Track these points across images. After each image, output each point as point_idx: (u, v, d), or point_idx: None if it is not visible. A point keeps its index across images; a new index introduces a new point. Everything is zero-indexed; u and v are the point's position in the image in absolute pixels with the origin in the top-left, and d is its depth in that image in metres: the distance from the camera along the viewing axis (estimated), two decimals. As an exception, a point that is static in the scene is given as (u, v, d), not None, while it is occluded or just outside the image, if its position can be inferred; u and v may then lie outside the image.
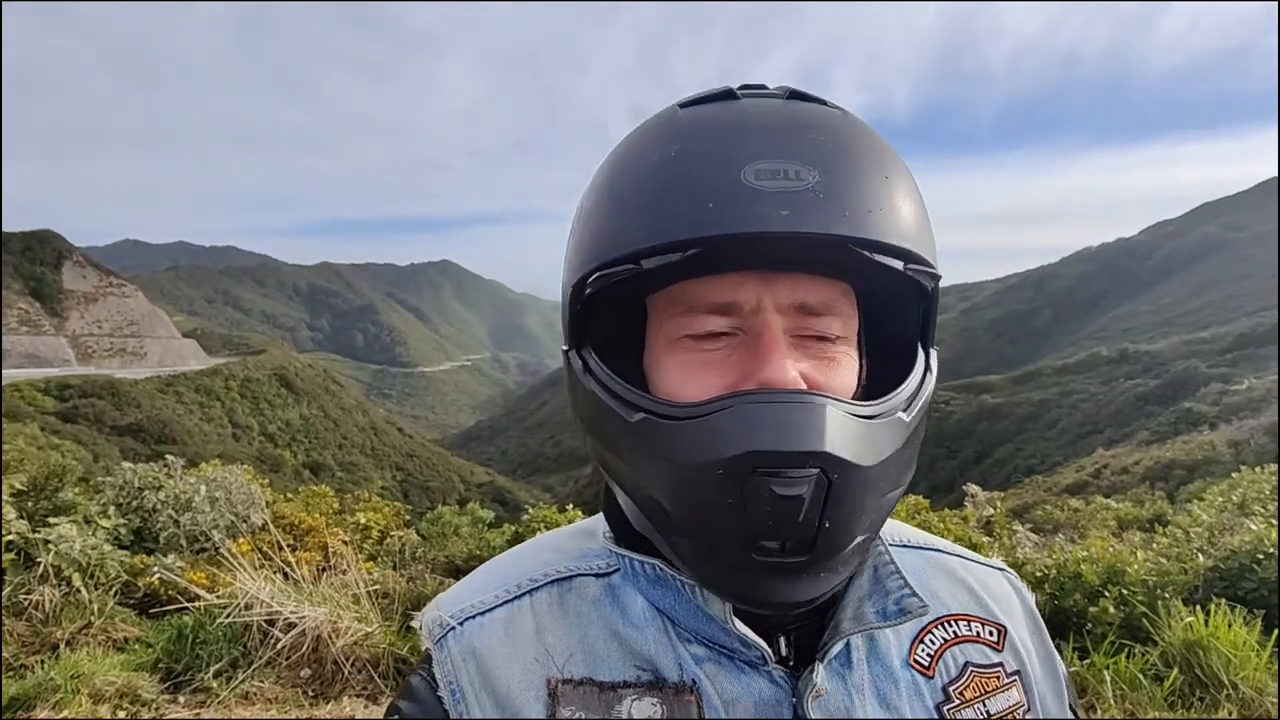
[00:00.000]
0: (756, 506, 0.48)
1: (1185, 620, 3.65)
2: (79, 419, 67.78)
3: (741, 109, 0.55)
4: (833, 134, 0.54)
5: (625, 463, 0.57)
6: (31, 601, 4.28)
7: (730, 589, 0.53)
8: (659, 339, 0.59)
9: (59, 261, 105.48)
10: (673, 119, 0.57)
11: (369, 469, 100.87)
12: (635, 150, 0.57)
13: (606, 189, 0.58)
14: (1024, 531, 4.61)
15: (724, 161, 0.50)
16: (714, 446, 0.49)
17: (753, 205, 0.48)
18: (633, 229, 0.52)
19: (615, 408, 0.55)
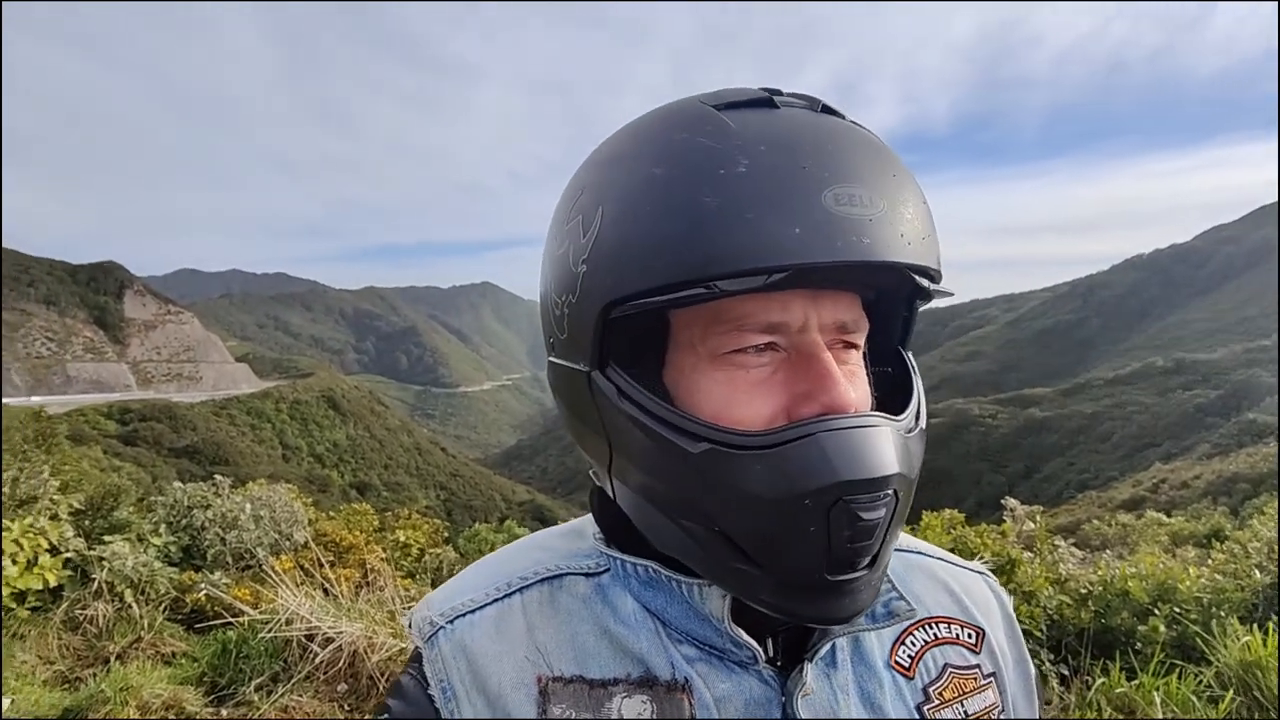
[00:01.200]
0: (839, 533, 0.49)
1: (1242, 640, 3.49)
2: (139, 441, 70.46)
3: (792, 122, 0.53)
4: (881, 157, 0.54)
5: (677, 492, 0.54)
6: (87, 616, 4.45)
7: (795, 610, 0.53)
8: (695, 355, 0.55)
9: (121, 291, 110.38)
10: (720, 124, 0.52)
11: (414, 489, 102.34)
12: (684, 157, 0.51)
13: (652, 198, 0.51)
14: (1066, 547, 4.46)
15: (804, 183, 0.48)
16: (799, 478, 0.48)
17: (839, 233, 0.48)
18: (708, 251, 0.48)
19: (672, 438, 0.52)
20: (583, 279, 0.54)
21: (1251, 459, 35.70)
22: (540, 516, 59.75)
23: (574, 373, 0.59)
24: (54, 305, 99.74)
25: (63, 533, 4.77)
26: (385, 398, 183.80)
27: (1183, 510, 19.54)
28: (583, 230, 0.55)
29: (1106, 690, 3.45)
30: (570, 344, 0.58)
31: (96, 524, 5.39)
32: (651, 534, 0.59)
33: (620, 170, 0.55)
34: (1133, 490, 42.00)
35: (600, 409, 0.57)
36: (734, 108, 0.54)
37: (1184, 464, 48.07)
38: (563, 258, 0.58)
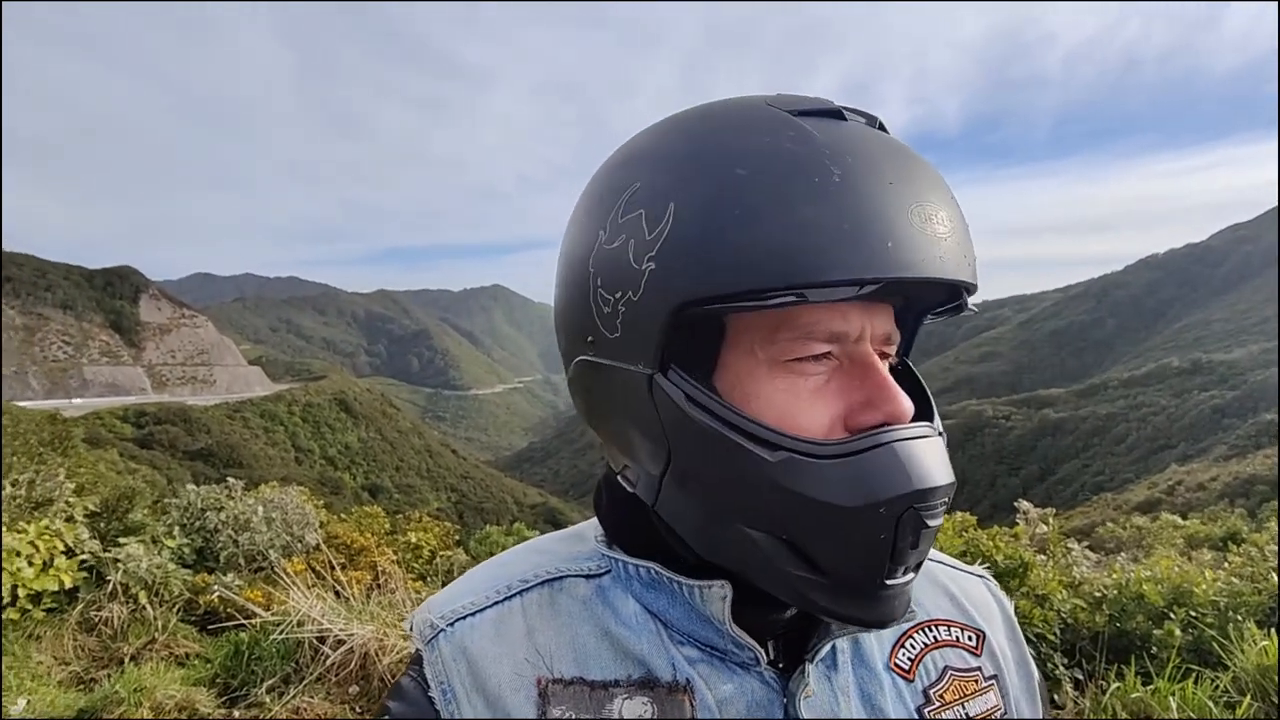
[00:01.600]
0: (905, 539, 0.50)
1: (1260, 644, 3.44)
2: (154, 444, 71.19)
3: (862, 134, 0.54)
4: (941, 179, 0.56)
5: (749, 500, 0.53)
6: (101, 618, 4.50)
7: (851, 615, 0.54)
8: (755, 359, 0.55)
9: (136, 295, 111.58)
10: (802, 131, 0.52)
11: (425, 491, 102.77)
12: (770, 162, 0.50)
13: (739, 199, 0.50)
14: (1080, 550, 4.42)
15: (893, 199, 0.50)
16: (876, 487, 0.49)
17: (924, 250, 0.49)
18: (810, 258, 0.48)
19: (748, 445, 0.51)
20: (649, 276, 0.53)
21: (1269, 461, 35.26)
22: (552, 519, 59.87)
23: (627, 374, 0.56)
24: (70, 309, 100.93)
25: (78, 535, 4.82)
26: (397, 400, 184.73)
27: (1199, 513, 19.30)
28: (648, 227, 0.53)
29: (1122, 695, 3.42)
30: (624, 343, 0.56)
31: (111, 526, 5.45)
32: (698, 539, 0.59)
33: (693, 167, 0.53)
34: (1148, 492, 41.53)
35: (661, 412, 0.55)
36: (809, 115, 0.53)
37: (1200, 466, 47.50)
38: (618, 253, 0.55)
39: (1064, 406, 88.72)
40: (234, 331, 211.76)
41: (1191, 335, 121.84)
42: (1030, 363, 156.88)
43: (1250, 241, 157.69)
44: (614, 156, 0.62)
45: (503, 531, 8.85)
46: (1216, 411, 67.73)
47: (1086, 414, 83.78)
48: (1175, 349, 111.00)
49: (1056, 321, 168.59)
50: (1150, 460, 65.91)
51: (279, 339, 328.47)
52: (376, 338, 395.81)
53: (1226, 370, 77.21)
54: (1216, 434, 62.15)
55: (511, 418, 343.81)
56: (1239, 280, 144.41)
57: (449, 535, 7.89)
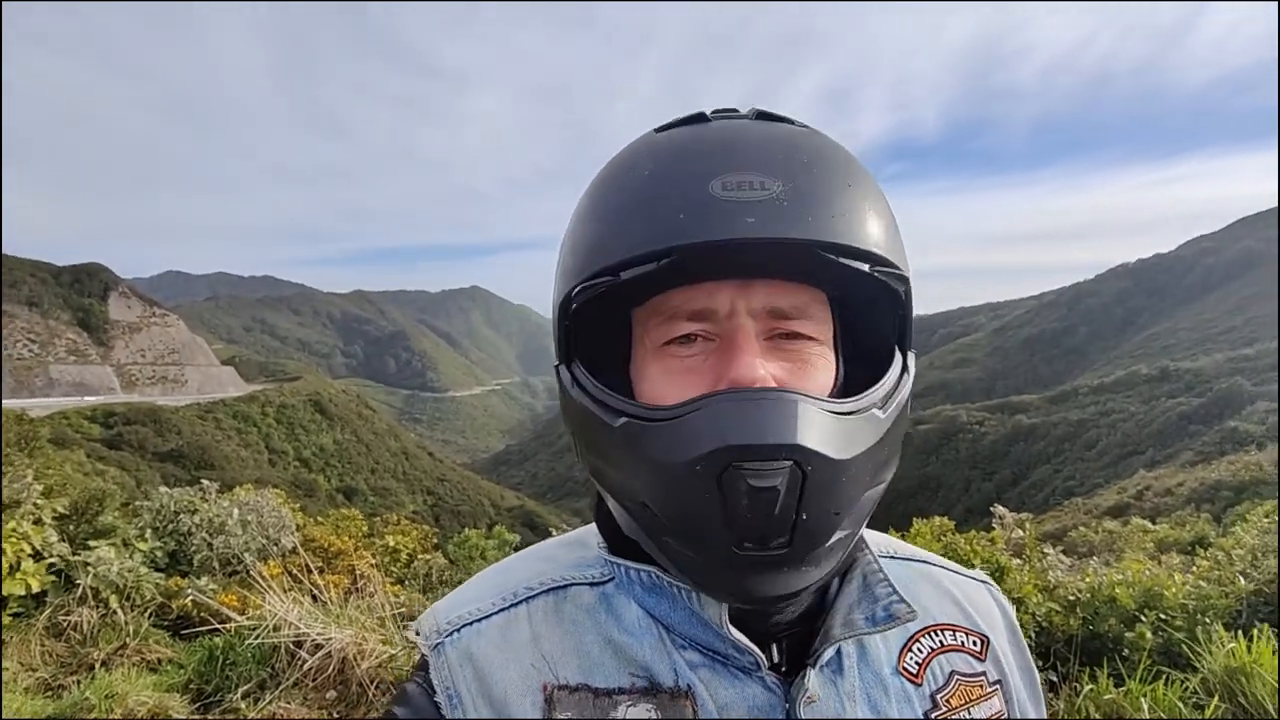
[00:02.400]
0: (734, 500, 0.50)
1: (1227, 646, 3.52)
2: (123, 446, 69.61)
3: (712, 129, 0.58)
4: (796, 148, 0.57)
5: (613, 468, 0.58)
6: (70, 623, 4.40)
7: (717, 585, 0.55)
8: (642, 349, 0.61)
9: (105, 293, 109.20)
10: (649, 142, 0.60)
11: (401, 493, 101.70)
12: (613, 173, 0.61)
13: (587, 210, 0.60)
14: (1055, 554, 4.50)
15: (693, 176, 0.53)
16: (690, 444, 0.51)
17: (719, 214, 0.51)
18: (610, 244, 0.55)
19: (600, 414, 0.57)
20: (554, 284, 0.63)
21: (1234, 466, 36.08)
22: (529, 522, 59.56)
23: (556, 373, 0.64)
24: (36, 307, 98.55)
25: (46, 538, 4.71)
26: (373, 402, 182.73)
27: (1167, 517, 19.73)
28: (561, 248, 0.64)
29: (1095, 697, 3.48)
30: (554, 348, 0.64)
31: (81, 529, 5.32)
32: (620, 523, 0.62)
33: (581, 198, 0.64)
34: (1118, 497, 42.27)
35: (563, 398, 0.63)
36: (671, 127, 0.61)
37: (1168, 471, 48.47)
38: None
39: (1036, 412, 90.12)
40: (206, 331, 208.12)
41: (1159, 343, 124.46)
42: (1004, 369, 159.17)
43: (1215, 253, 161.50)
44: None
45: (482, 535, 8.79)
46: (1183, 418, 69.18)
47: (1058, 420, 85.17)
48: (1144, 357, 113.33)
49: (1029, 329, 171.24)
50: (1120, 465, 67.14)
51: (253, 339, 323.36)
52: (353, 338, 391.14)
53: (1193, 378, 78.91)
54: (1183, 440, 63.46)
55: (489, 420, 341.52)
56: (1204, 290, 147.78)
57: (427, 538, 7.83)
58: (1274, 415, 51.85)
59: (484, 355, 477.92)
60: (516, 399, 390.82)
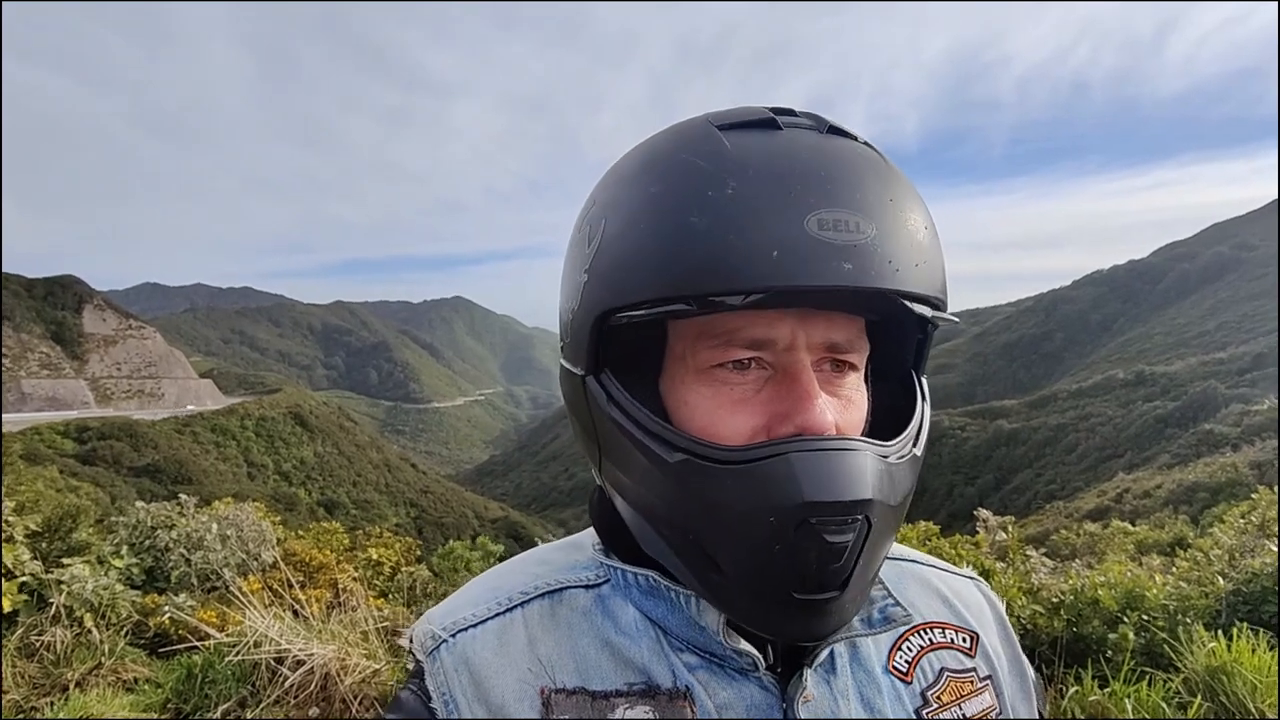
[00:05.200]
0: (804, 554, 0.50)
1: (1208, 646, 3.56)
2: (97, 461, 68.34)
3: (789, 144, 0.54)
4: (881, 181, 0.54)
5: (657, 499, 0.56)
6: (43, 643, 4.29)
7: (764, 625, 0.55)
8: (685, 366, 0.58)
9: (80, 306, 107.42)
10: (717, 145, 0.54)
11: (383, 506, 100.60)
12: (680, 177, 0.53)
13: (647, 214, 0.54)
14: (1038, 557, 4.54)
15: (786, 208, 0.50)
16: (767, 495, 0.49)
17: (817, 259, 0.49)
18: (693, 267, 0.50)
19: (651, 445, 0.54)
20: (584, 288, 0.58)
21: (1210, 469, 36.58)
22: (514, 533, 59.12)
23: (573, 376, 0.62)
24: (9, 320, 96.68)
25: (18, 556, 4.60)
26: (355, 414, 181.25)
27: (1146, 519, 19.96)
28: (588, 241, 0.58)
29: (1080, 699, 3.50)
30: (572, 348, 0.61)
31: (54, 546, 5.21)
32: (640, 537, 0.62)
33: (625, 186, 0.58)
34: (1098, 500, 42.78)
35: (592, 413, 0.60)
36: (736, 128, 0.55)
37: (1146, 474, 49.15)
38: (572, 267, 0.61)
39: (1017, 417, 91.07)
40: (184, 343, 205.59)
41: (1135, 348, 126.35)
42: (984, 375, 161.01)
43: (1187, 259, 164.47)
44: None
45: (466, 546, 8.71)
46: (1159, 421, 70.21)
47: (1038, 424, 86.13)
48: (1120, 361, 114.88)
49: (1008, 335, 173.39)
50: (1099, 469, 67.99)
51: (231, 351, 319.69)
52: (334, 350, 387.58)
53: (1168, 382, 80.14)
54: (1160, 443, 64.36)
55: (473, 430, 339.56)
56: (1178, 296, 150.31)
57: (410, 551, 7.74)
58: (1248, 418, 52.72)
59: (467, 366, 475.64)
60: (500, 409, 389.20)
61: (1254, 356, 77.03)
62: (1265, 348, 77.27)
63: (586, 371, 0.59)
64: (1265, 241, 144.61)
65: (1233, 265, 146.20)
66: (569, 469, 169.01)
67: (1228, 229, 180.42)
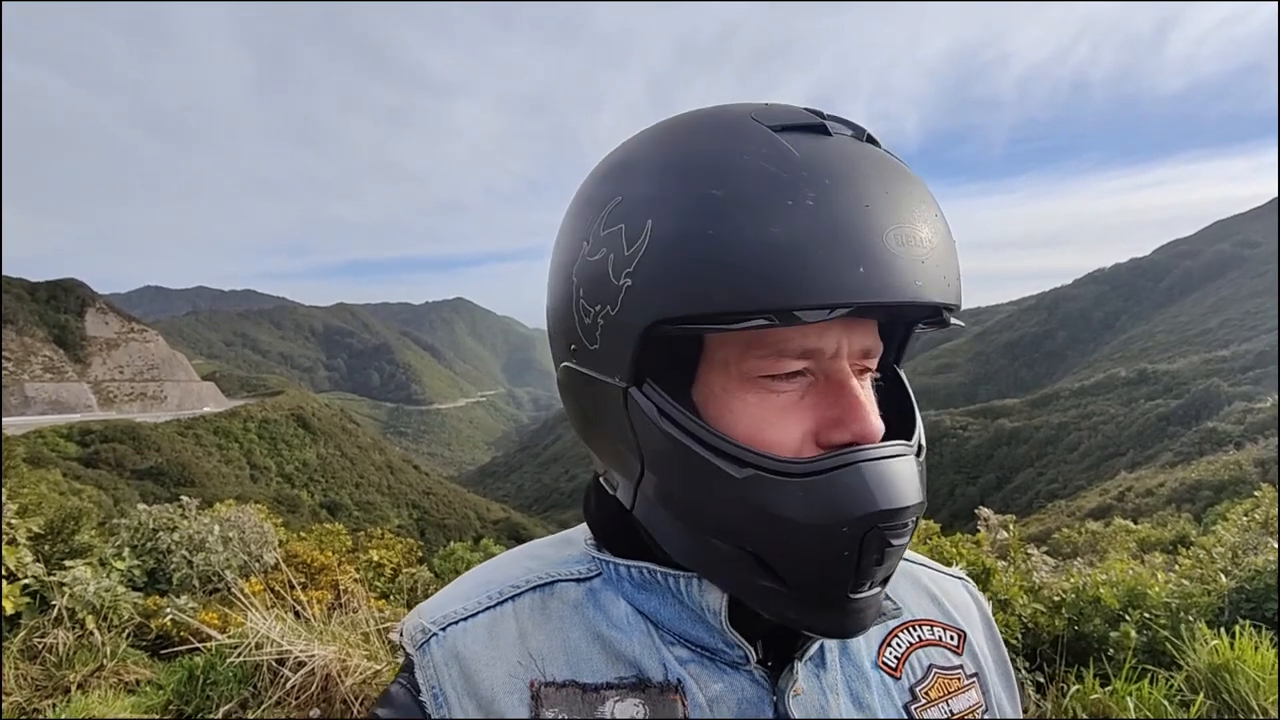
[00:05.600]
0: (869, 557, 0.51)
1: (1210, 644, 3.56)
2: (100, 464, 68.50)
3: (845, 151, 0.53)
4: (927, 197, 0.55)
5: (715, 512, 0.55)
6: (45, 645, 4.30)
7: (822, 626, 0.55)
8: (728, 375, 0.56)
9: (82, 309, 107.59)
10: (783, 150, 0.51)
11: (385, 508, 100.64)
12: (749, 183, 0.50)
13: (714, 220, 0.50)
14: (1039, 555, 4.53)
15: (867, 222, 0.49)
16: (840, 506, 0.50)
17: (897, 274, 0.49)
18: (777, 281, 0.48)
19: (715, 461, 0.53)
20: (625, 292, 0.53)
21: (1213, 466, 36.55)
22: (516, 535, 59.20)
23: (604, 384, 0.58)
24: (11, 324, 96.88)
25: (21, 558, 4.61)
26: (357, 415, 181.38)
27: (1148, 517, 19.95)
28: (626, 242, 0.53)
29: (1081, 697, 3.50)
30: (602, 355, 0.57)
31: (56, 548, 5.22)
32: (671, 545, 0.60)
33: (672, 183, 0.53)
34: (1100, 499, 42.71)
35: (635, 424, 0.57)
36: (789, 130, 0.53)
37: (1148, 472, 49.10)
38: (598, 266, 0.56)
39: (1018, 416, 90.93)
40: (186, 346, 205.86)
41: (1137, 346, 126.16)
42: (986, 374, 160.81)
43: (1190, 256, 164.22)
44: (602, 164, 0.62)
45: (468, 547, 8.72)
46: (1162, 420, 70.09)
47: (1040, 423, 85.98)
48: (1122, 360, 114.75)
49: (1010, 334, 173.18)
50: (1101, 467, 67.85)
51: (234, 354, 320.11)
52: (336, 352, 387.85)
53: (1170, 380, 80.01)
54: (1163, 441, 64.24)
55: (475, 432, 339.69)
56: (1180, 294, 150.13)
57: (412, 552, 7.74)
58: (1251, 416, 52.63)
59: (469, 367, 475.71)
60: (502, 410, 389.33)
61: (1257, 354, 76.89)
62: (1268, 345, 77.08)
63: (629, 382, 0.56)
64: (1268, 239, 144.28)
65: (1235, 262, 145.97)
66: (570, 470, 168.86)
67: (1230, 226, 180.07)
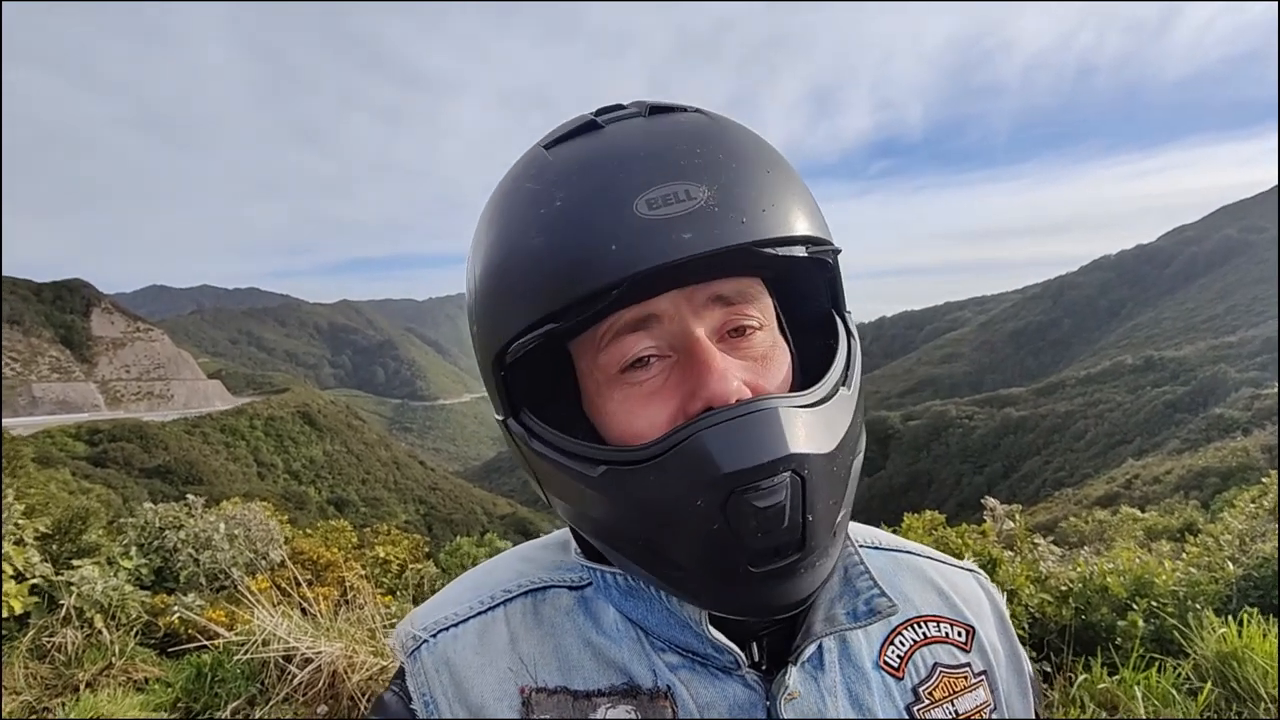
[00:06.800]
0: (742, 524, 0.48)
1: (1218, 631, 3.54)
2: (109, 463, 68.84)
3: (609, 138, 0.54)
4: (706, 143, 0.54)
5: (599, 515, 0.56)
6: (54, 644, 4.32)
7: (735, 606, 0.53)
8: (594, 381, 0.58)
9: (88, 309, 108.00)
10: (543, 164, 0.55)
11: (392, 503, 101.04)
12: (516, 206, 0.55)
13: (499, 251, 0.54)
14: (1045, 545, 4.51)
15: (612, 200, 0.49)
16: (688, 480, 0.49)
17: (654, 237, 0.48)
18: (543, 289, 0.51)
19: (574, 466, 0.54)
20: (475, 336, 0.58)
21: (1220, 453, 36.42)
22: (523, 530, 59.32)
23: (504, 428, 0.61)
24: (18, 325, 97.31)
25: (29, 558, 4.63)
26: (362, 412, 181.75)
27: (1156, 505, 19.87)
28: (468, 292, 0.59)
29: (1089, 686, 3.49)
30: (491, 397, 0.61)
31: (64, 548, 5.25)
32: (609, 556, 0.60)
33: (479, 230, 0.59)
34: (1107, 487, 42.68)
35: (522, 451, 0.59)
36: (559, 142, 0.56)
37: (1155, 460, 48.98)
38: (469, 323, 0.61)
39: (1024, 405, 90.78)
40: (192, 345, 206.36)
41: (1143, 334, 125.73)
42: (991, 363, 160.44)
43: (1195, 242, 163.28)
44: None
45: (474, 543, 8.74)
46: (1169, 407, 69.89)
47: (1046, 412, 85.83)
48: (1128, 347, 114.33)
49: (1015, 322, 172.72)
50: (1108, 455, 67.75)
51: (239, 352, 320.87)
52: (340, 349, 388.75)
53: (1177, 367, 79.70)
54: (1169, 428, 64.10)
55: (480, 427, 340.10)
56: (1185, 280, 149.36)
57: (418, 548, 7.77)
58: (1259, 401, 52.38)
59: (473, 362, 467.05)
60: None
61: (1264, 340, 76.48)
62: (1275, 331, 76.59)
63: (505, 415, 0.59)
64: (1273, 223, 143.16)
65: (1241, 248, 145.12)
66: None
67: (1235, 212, 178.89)
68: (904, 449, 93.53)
